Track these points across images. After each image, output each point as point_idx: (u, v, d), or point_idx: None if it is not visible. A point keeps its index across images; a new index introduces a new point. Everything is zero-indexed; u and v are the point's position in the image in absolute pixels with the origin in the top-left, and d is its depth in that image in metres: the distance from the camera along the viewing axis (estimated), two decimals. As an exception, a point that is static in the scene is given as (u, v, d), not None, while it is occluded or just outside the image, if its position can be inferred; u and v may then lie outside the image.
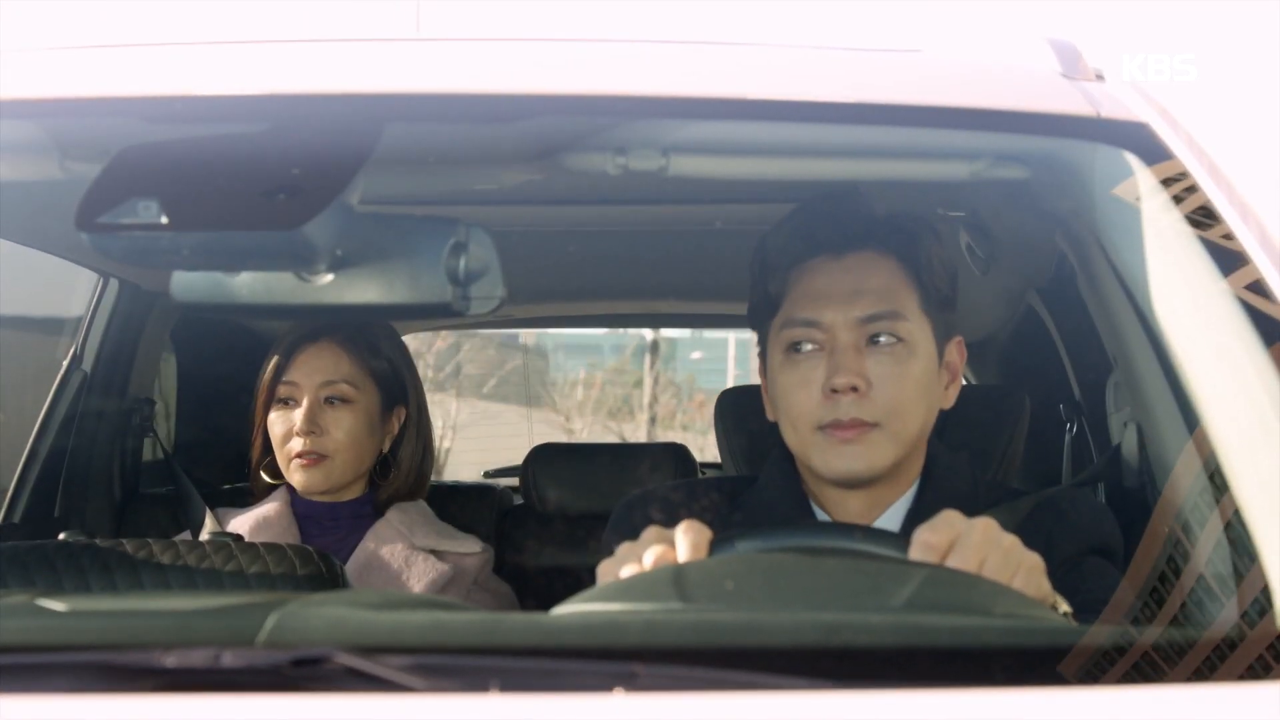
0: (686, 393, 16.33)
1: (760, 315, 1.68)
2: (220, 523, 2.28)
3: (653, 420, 14.94)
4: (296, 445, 2.23)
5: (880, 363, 1.58)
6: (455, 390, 14.10)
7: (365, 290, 1.26)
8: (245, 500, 2.36)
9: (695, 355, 16.96)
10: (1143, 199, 1.49)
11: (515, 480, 2.98)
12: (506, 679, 1.02)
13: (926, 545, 1.21)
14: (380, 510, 2.30)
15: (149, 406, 2.74)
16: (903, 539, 1.23)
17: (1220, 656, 1.09)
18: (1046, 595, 1.24)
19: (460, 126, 1.55)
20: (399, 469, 2.32)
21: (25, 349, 2.77)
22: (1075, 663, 1.07)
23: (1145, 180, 1.50)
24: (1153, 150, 1.51)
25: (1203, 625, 1.24)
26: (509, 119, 1.52)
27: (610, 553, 1.30)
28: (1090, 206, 1.60)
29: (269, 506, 2.27)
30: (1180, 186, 1.47)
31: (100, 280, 2.62)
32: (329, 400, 2.24)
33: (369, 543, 2.24)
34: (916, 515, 1.61)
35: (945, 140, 1.59)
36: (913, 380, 1.59)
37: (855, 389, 1.56)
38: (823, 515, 1.66)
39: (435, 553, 2.25)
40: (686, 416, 15.37)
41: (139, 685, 1.02)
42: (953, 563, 1.20)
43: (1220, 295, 1.37)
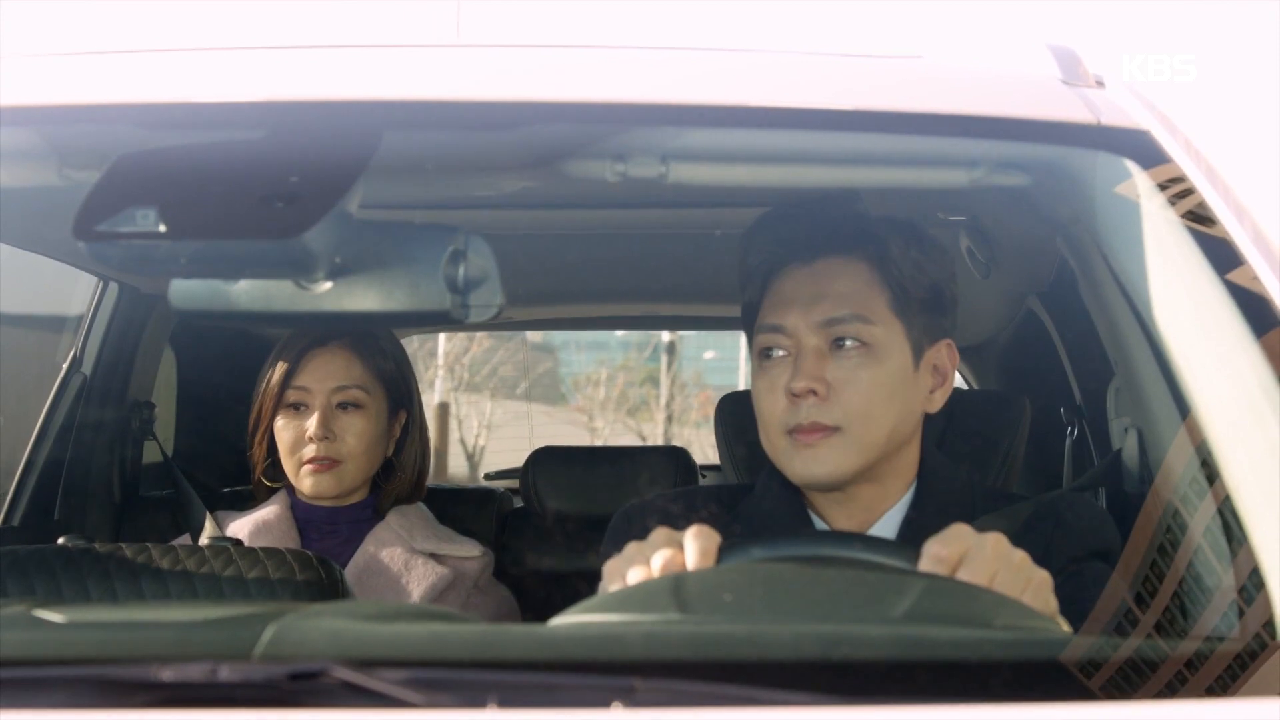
0: (694, 389, 16.56)
1: (745, 322, 1.69)
2: (220, 526, 2.27)
3: (669, 418, 15.39)
4: (309, 451, 2.21)
5: (843, 366, 1.58)
6: (490, 392, 14.47)
7: (364, 297, 1.25)
8: (245, 503, 2.35)
9: (708, 355, 17.11)
10: (1143, 205, 1.49)
11: (516, 482, 2.98)
12: (505, 693, 1.02)
13: (937, 558, 1.21)
14: (380, 513, 2.30)
15: (149, 409, 2.74)
16: (913, 551, 1.23)
17: (1222, 671, 1.09)
18: (1054, 612, 1.23)
19: (459, 134, 1.55)
20: (402, 472, 2.31)
21: (25, 352, 2.77)
22: (1079, 676, 1.06)
23: (1146, 186, 1.49)
24: (1153, 157, 1.51)
25: (1201, 635, 1.24)
26: (508, 126, 1.51)
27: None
28: (1091, 213, 1.60)
29: (269, 510, 2.26)
30: (1180, 193, 1.47)
31: (100, 284, 2.62)
32: (341, 405, 2.23)
33: (369, 546, 2.23)
34: (913, 522, 1.61)
35: (946, 147, 1.59)
36: (878, 384, 1.58)
37: (814, 393, 1.56)
38: (820, 524, 1.65)
39: (435, 556, 2.24)
40: (697, 413, 15.59)
41: (135, 700, 1.02)
42: (963, 576, 1.20)
43: (1221, 301, 1.37)
